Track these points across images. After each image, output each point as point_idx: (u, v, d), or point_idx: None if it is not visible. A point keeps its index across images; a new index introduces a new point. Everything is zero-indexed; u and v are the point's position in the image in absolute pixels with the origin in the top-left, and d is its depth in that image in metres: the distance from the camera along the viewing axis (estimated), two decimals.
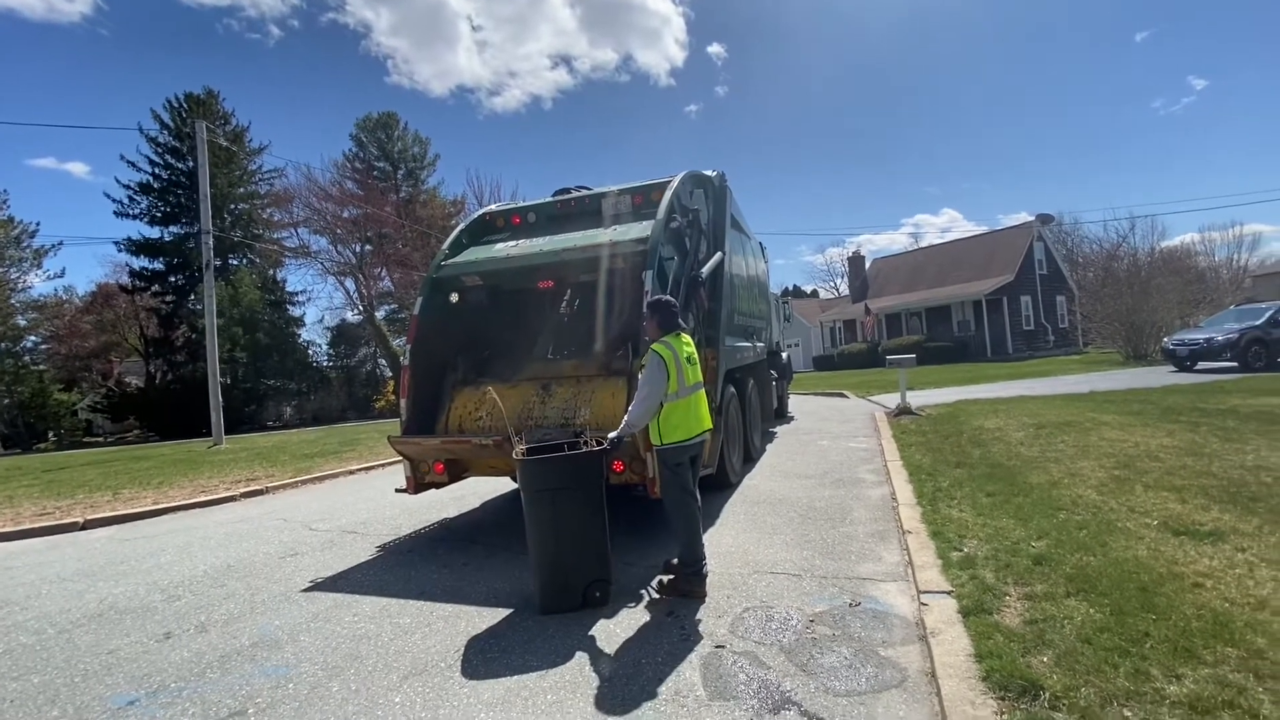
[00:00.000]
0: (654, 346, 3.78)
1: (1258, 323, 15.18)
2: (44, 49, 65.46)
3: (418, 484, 5.40)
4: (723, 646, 3.08)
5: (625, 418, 3.78)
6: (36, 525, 7.24)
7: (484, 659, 3.12)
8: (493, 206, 7.11)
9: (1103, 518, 4.32)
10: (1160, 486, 5.00)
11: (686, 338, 4.05)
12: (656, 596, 3.79)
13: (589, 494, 3.67)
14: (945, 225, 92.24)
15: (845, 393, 17.24)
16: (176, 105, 34.71)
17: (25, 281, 35.03)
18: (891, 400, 12.76)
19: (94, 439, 37.58)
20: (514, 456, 3.76)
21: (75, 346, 40.44)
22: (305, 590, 4.36)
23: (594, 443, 3.84)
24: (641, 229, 5.40)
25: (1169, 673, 2.39)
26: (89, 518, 7.41)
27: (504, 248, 5.97)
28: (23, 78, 64.33)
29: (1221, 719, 2.10)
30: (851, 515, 5.27)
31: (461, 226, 6.48)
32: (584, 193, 6.52)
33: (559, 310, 6.50)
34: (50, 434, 38.60)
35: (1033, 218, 34.36)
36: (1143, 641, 2.65)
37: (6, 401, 35.21)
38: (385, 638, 3.46)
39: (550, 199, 6.68)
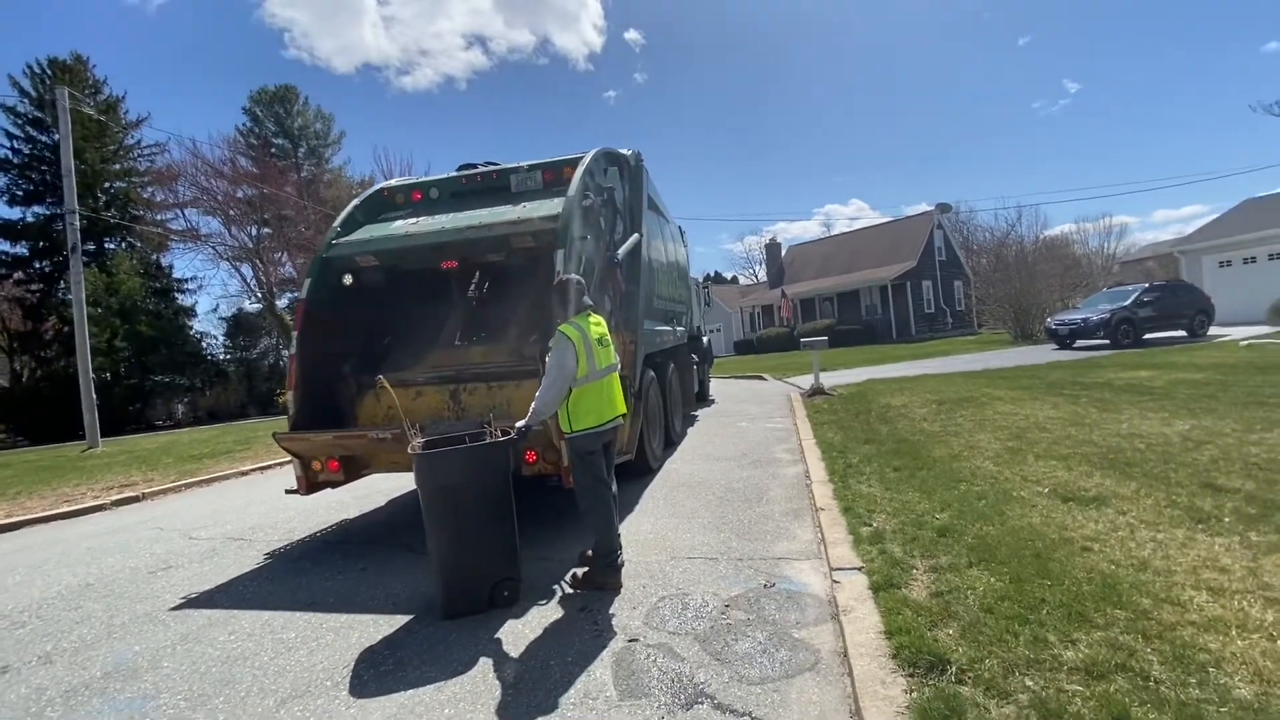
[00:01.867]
0: (561, 327, 3.57)
1: (1125, 304, 16.68)
2: None
3: (310, 484, 4.95)
4: (636, 640, 2.95)
5: (532, 404, 3.56)
6: None
7: (376, 673, 2.84)
8: (391, 181, 6.62)
9: (1000, 488, 4.52)
10: (1049, 456, 5.31)
11: (597, 318, 3.87)
12: (570, 591, 3.63)
13: (493, 489, 3.44)
14: (853, 214, 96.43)
15: (764, 375, 17.65)
16: (39, 72, 30.68)
17: None
18: (806, 381, 13.13)
19: None
20: (409, 451, 3.46)
21: None
22: (175, 609, 3.89)
23: (499, 433, 3.60)
24: (552, 206, 5.14)
25: (1065, 638, 2.46)
26: None
27: (402, 225, 5.55)
28: None
29: (1116, 681, 2.16)
30: (768, 495, 5.30)
31: (355, 203, 5.98)
32: (491, 168, 6.17)
33: (466, 294, 6.14)
34: None
35: (932, 207, 36.42)
36: (1040, 608, 2.73)
37: None
38: (265, 656, 3.10)
39: (455, 174, 6.28)
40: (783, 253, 44.36)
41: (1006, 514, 3.95)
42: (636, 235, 6.41)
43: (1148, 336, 16.63)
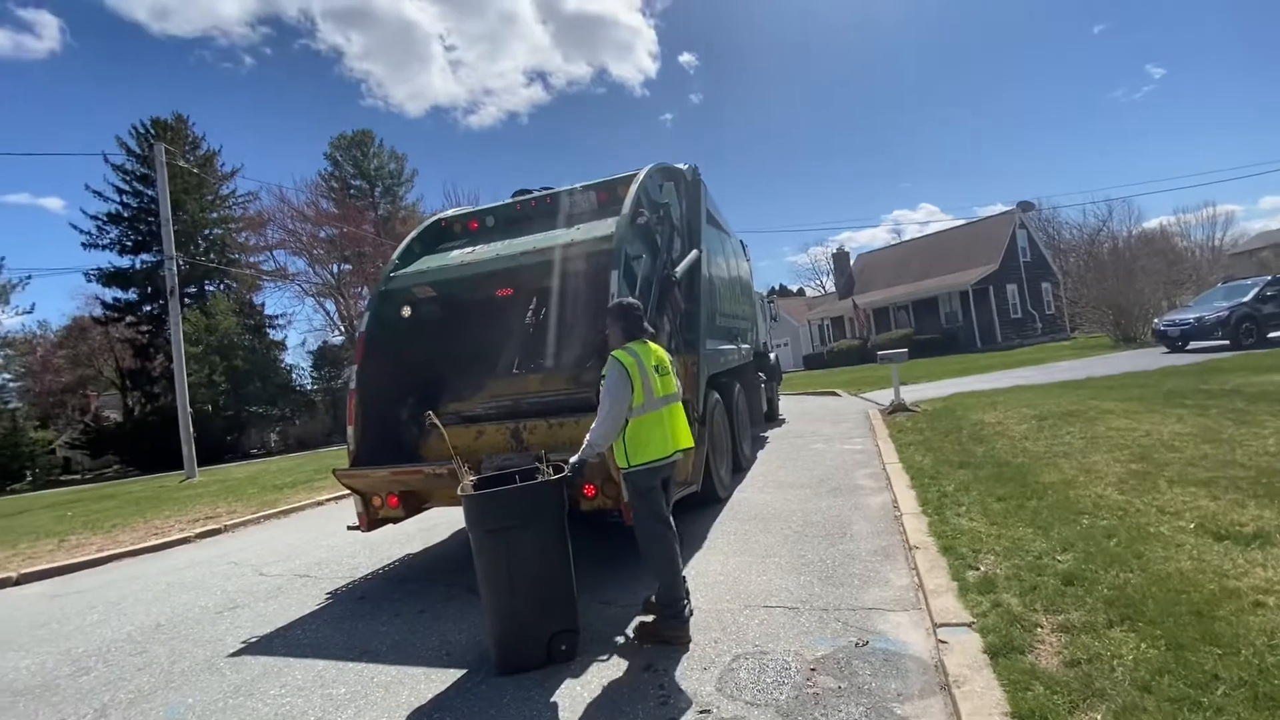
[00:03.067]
0: (615, 354, 3.29)
1: (1246, 299, 14.93)
2: (12, 86, 64.46)
3: (371, 520, 4.85)
4: (708, 711, 2.57)
5: (587, 437, 3.28)
6: None
7: None
8: (448, 212, 6.60)
9: (1131, 522, 3.86)
10: (1186, 481, 4.56)
11: (656, 346, 3.56)
12: (635, 643, 3.28)
13: (548, 531, 3.16)
14: (924, 219, 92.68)
15: (837, 391, 16.82)
16: (143, 131, 33.93)
17: None
18: (885, 397, 12.33)
19: (72, 476, 36.49)
20: (458, 492, 3.24)
21: (49, 382, 39.31)
22: (233, 655, 3.81)
23: (552, 469, 3.34)
24: (606, 226, 4.91)
25: None
26: (24, 571, 6.78)
27: (459, 254, 5.46)
28: None
29: None
30: (852, 529, 4.79)
31: (413, 234, 5.96)
32: (545, 192, 6.03)
33: (523, 321, 5.99)
34: (26, 474, 37.47)
35: (1012, 206, 34.30)
36: (1212, 687, 2.18)
37: None
38: (313, 716, 2.92)
39: (509, 201, 6.19)
40: (851, 261, 42.87)
41: (1146, 556, 3.32)
42: (695, 251, 6.10)
43: (1273, 335, 14.79)
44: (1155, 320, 17.55)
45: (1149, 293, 22.19)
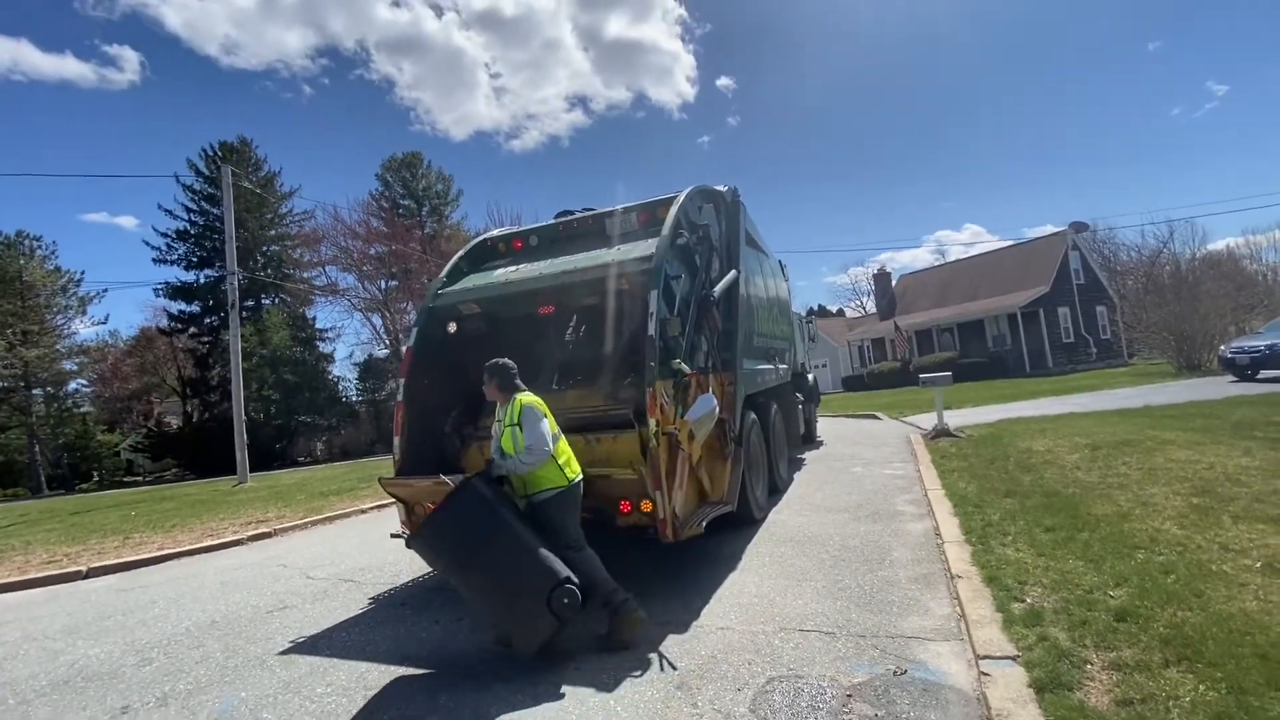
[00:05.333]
0: (520, 398, 3.76)
1: None
2: (96, 115, 69.79)
3: (414, 530, 5.00)
4: None
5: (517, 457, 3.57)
6: (41, 574, 7.03)
7: None
8: (494, 231, 6.82)
9: (1191, 558, 3.69)
10: (1252, 517, 4.33)
11: (521, 397, 3.81)
12: (670, 665, 3.29)
13: (482, 534, 3.34)
14: (969, 240, 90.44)
15: (877, 414, 16.48)
16: (211, 154, 36.03)
17: (71, 328, 36.37)
18: (927, 421, 12.04)
19: (134, 478, 38.42)
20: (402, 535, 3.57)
21: (118, 389, 41.64)
22: (283, 652, 3.96)
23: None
24: (646, 247, 5.00)
25: None
26: (92, 566, 7.18)
27: (503, 273, 5.64)
28: (77, 142, 68.83)
29: None
30: (891, 556, 4.69)
31: (460, 253, 6.17)
32: (588, 213, 6.17)
33: (564, 338, 6.11)
34: (94, 474, 39.61)
35: (1064, 227, 33.20)
36: None
37: (52, 444, 36.24)
38: (356, 715, 3.02)
39: (553, 221, 6.36)
40: (893, 282, 42.11)
41: (1207, 594, 3.17)
42: (734, 272, 6.14)
43: None
44: (1222, 347, 16.68)
45: (1214, 318, 21.10)
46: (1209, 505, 4.71)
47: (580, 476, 3.79)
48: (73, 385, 38.77)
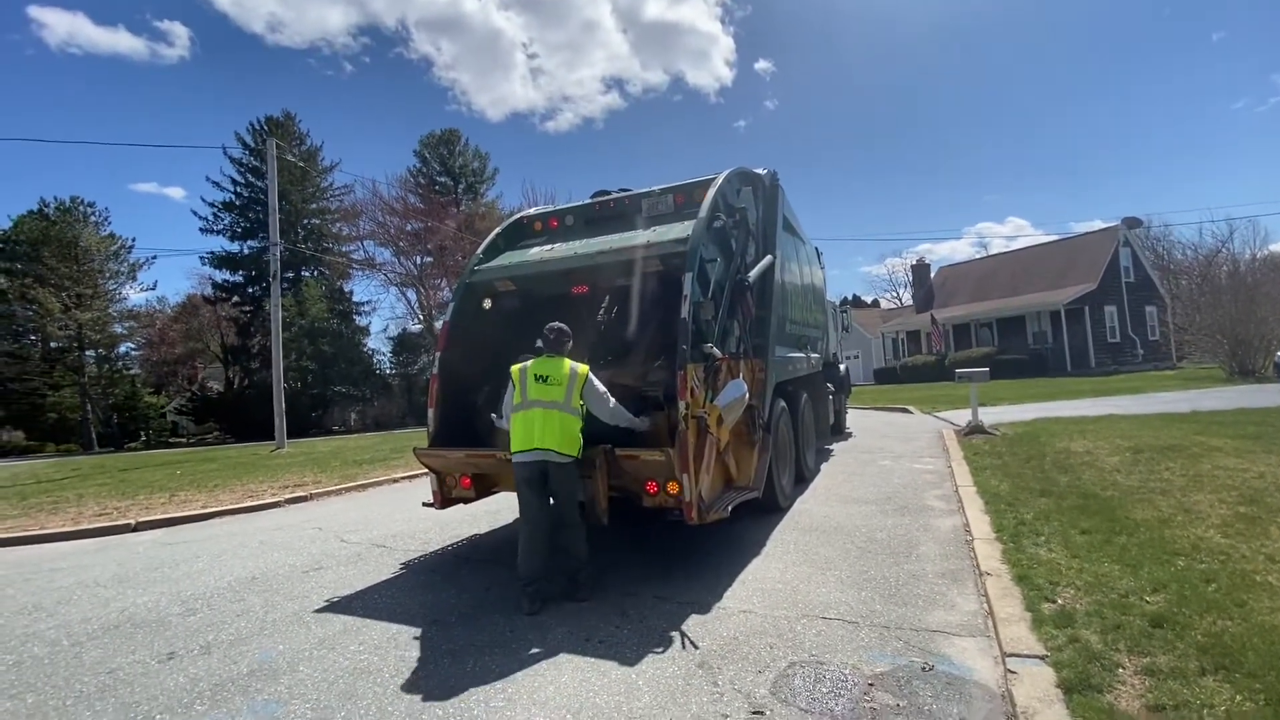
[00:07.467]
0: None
1: None
2: (148, 87, 72.02)
3: (444, 499, 5.13)
4: (761, 713, 2.59)
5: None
6: (93, 526, 7.41)
7: (487, 709, 2.74)
8: (530, 210, 6.84)
9: (1235, 567, 3.57)
10: None
11: (557, 359, 4.23)
12: (692, 644, 3.33)
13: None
14: (1011, 233, 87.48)
15: (909, 408, 16.22)
16: (257, 128, 36.83)
17: (122, 293, 37.86)
18: (961, 417, 11.81)
19: (178, 440, 39.97)
20: None
21: (164, 353, 43.28)
22: (319, 610, 4.12)
23: None
24: (682, 229, 4.98)
25: None
26: (140, 520, 7.54)
27: (538, 251, 5.67)
28: (129, 114, 71.27)
29: None
30: (918, 550, 4.65)
31: (498, 230, 6.22)
32: (624, 194, 6.15)
33: (596, 318, 6.13)
34: (141, 434, 41.38)
35: (1115, 223, 31.91)
36: None
37: (102, 403, 37.94)
38: (387, 674, 3.13)
39: (589, 201, 6.35)
40: (932, 274, 41.13)
41: (1250, 605, 3.08)
42: (770, 257, 6.07)
43: None
44: (1279, 353, 15.95)
45: (1273, 322, 20.16)
46: (1256, 515, 4.54)
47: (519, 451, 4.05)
48: (123, 348, 40.53)
